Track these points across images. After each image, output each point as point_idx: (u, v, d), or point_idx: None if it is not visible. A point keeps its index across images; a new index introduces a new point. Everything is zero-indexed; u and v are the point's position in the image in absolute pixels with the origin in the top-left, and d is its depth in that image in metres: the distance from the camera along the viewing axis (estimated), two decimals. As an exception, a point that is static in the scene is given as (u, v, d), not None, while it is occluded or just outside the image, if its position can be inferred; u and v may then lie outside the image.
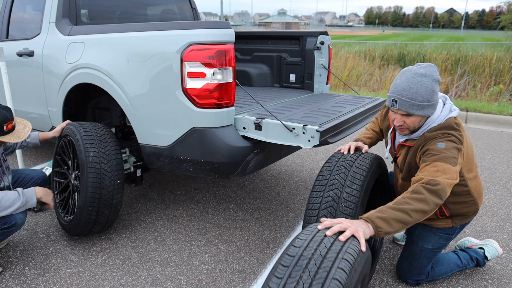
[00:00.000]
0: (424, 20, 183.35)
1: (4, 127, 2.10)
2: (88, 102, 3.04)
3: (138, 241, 2.50)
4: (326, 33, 3.26)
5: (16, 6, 3.33)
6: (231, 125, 2.16)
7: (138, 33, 2.25)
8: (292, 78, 3.49)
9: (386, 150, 2.08)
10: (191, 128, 2.14)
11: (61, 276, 2.13)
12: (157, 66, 2.15)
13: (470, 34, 66.19)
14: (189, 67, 2.04)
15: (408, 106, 1.70)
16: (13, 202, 2.03)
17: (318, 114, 2.34)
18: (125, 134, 3.01)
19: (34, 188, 2.16)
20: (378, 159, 1.97)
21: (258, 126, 2.10)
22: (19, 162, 3.18)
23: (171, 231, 2.63)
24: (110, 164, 2.29)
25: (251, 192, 3.29)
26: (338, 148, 2.06)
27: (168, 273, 2.18)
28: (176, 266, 2.24)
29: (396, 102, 1.72)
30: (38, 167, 3.77)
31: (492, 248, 2.19)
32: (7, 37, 3.36)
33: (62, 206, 2.54)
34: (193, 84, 2.06)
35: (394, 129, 1.98)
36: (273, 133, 2.07)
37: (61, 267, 2.21)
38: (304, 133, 1.99)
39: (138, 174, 2.74)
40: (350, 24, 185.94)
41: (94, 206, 2.24)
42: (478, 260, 2.15)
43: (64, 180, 2.59)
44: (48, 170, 2.96)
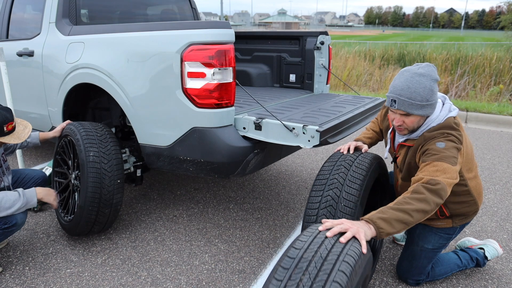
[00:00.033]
0: (424, 20, 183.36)
1: (4, 128, 2.10)
2: (88, 102, 3.04)
3: (138, 241, 2.50)
4: (326, 33, 3.26)
5: (16, 6, 3.33)
6: (231, 125, 2.16)
7: (138, 33, 2.25)
8: (292, 78, 3.49)
9: (386, 150, 2.08)
10: (191, 128, 2.14)
11: (61, 276, 2.14)
12: (157, 66, 2.15)
13: (470, 34, 66.19)
14: (189, 67, 2.05)
15: (407, 105, 1.70)
16: (13, 203, 2.03)
17: (318, 114, 2.34)
18: (125, 134, 3.02)
19: (34, 188, 2.16)
20: (378, 159, 1.97)
21: (258, 126, 2.10)
22: (19, 162, 3.18)
23: (171, 231, 2.63)
24: (110, 164, 2.29)
25: (251, 192, 3.29)
26: (338, 148, 2.06)
27: (168, 273, 2.18)
28: (176, 266, 2.24)
29: (395, 102, 1.72)
30: (38, 167, 3.77)
31: (492, 248, 2.19)
32: (7, 37, 3.36)
33: (62, 206, 2.54)
34: (193, 84, 2.06)
35: (394, 129, 1.98)
36: (273, 133, 2.07)
37: (61, 267, 2.21)
38: (304, 133, 1.99)
39: (138, 174, 2.74)
40: (350, 24, 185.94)
41: (94, 205, 2.24)
42: (478, 260, 2.15)
43: (64, 180, 2.60)
44: (48, 170, 2.96)
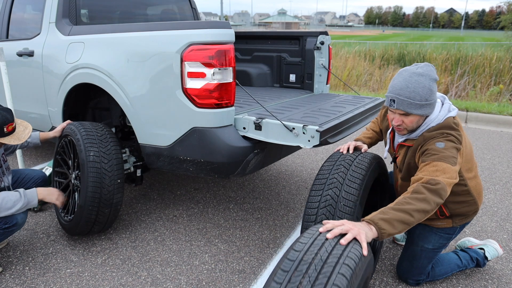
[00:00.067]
0: (424, 20, 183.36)
1: (4, 129, 2.10)
2: (88, 102, 3.04)
3: (138, 241, 2.50)
4: (326, 33, 3.26)
5: (16, 6, 3.33)
6: (231, 125, 2.16)
7: (138, 33, 2.25)
8: (292, 78, 3.49)
9: (385, 150, 2.08)
10: (191, 128, 2.14)
11: (61, 276, 2.14)
12: (157, 66, 2.15)
13: (470, 34, 66.19)
14: (189, 67, 2.05)
15: (406, 105, 1.70)
16: (14, 203, 2.03)
17: (318, 114, 2.34)
18: (125, 134, 3.02)
19: (36, 189, 2.16)
20: (377, 159, 1.97)
21: (258, 126, 2.10)
22: (19, 162, 3.18)
23: (171, 231, 2.63)
24: (111, 163, 2.29)
25: (251, 192, 3.29)
26: (338, 147, 2.06)
27: (168, 273, 2.18)
28: (176, 266, 2.24)
29: (394, 101, 1.72)
30: (38, 167, 3.77)
31: (492, 248, 2.19)
32: (7, 37, 3.36)
33: (62, 205, 2.54)
34: (193, 84, 2.06)
35: (393, 129, 1.98)
36: (273, 133, 2.07)
37: (61, 267, 2.21)
38: (304, 133, 1.99)
39: (138, 174, 2.74)
40: (350, 24, 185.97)
41: (94, 205, 2.24)
42: (478, 260, 2.15)
43: (64, 180, 2.60)
44: (48, 170, 2.96)
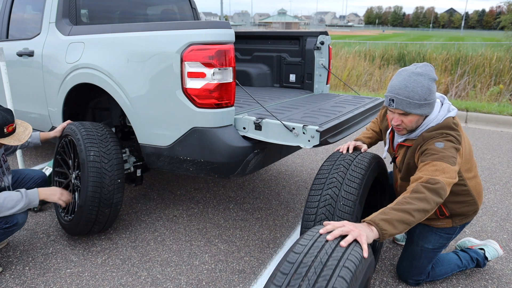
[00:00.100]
0: (424, 20, 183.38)
1: (4, 130, 2.10)
2: (88, 102, 3.05)
3: (138, 241, 2.50)
4: (326, 33, 3.26)
5: (16, 6, 3.33)
6: (231, 125, 2.16)
7: (138, 33, 2.25)
8: (292, 78, 3.49)
9: (384, 150, 2.08)
10: (191, 128, 2.14)
11: (61, 276, 2.14)
12: (157, 66, 2.15)
13: (470, 34, 66.19)
14: (189, 67, 2.05)
15: (405, 104, 1.70)
16: (16, 203, 2.03)
17: (318, 114, 2.34)
18: (125, 134, 3.02)
19: (37, 189, 2.16)
20: (377, 158, 1.97)
21: (258, 126, 2.10)
22: (19, 162, 3.18)
23: (171, 231, 2.63)
24: (111, 163, 2.29)
25: (251, 192, 3.29)
26: (337, 147, 2.06)
27: (168, 273, 2.18)
28: (176, 266, 2.24)
29: (393, 101, 1.72)
30: (38, 167, 3.77)
31: (492, 249, 2.19)
32: (7, 37, 3.36)
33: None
34: (193, 84, 2.06)
35: (393, 129, 1.98)
36: (273, 133, 2.07)
37: (61, 267, 2.21)
38: (304, 133, 1.99)
39: (138, 174, 2.74)
40: (350, 24, 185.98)
41: (94, 205, 2.24)
42: (479, 260, 2.15)
43: (64, 179, 2.60)
44: (48, 170, 2.96)
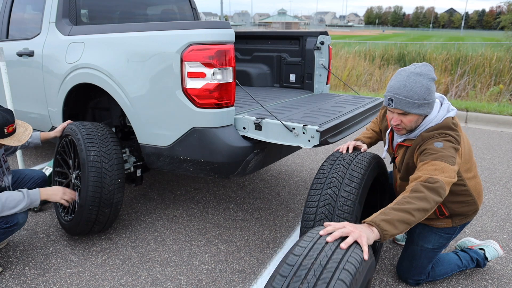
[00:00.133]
0: (424, 20, 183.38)
1: (4, 130, 2.10)
2: (88, 102, 3.05)
3: (138, 241, 2.50)
4: (326, 33, 3.26)
5: (16, 6, 3.33)
6: (231, 125, 2.16)
7: (138, 33, 2.25)
8: (292, 78, 3.49)
9: (384, 150, 2.08)
10: (191, 128, 2.14)
11: (61, 276, 2.14)
12: (157, 66, 2.15)
13: (470, 34, 66.20)
14: (189, 67, 2.05)
15: (404, 104, 1.70)
16: (17, 203, 2.03)
17: (318, 114, 2.34)
18: (125, 134, 3.02)
19: (39, 189, 2.16)
20: (377, 158, 1.97)
21: (258, 126, 2.10)
22: (19, 162, 3.18)
23: (171, 231, 2.63)
24: (111, 163, 2.29)
25: (251, 192, 3.29)
26: (337, 147, 2.06)
27: (168, 273, 2.18)
28: (176, 266, 2.24)
29: (392, 101, 1.72)
30: (38, 167, 3.77)
31: (492, 249, 2.19)
32: (7, 37, 3.36)
33: (62, 205, 2.54)
34: (193, 84, 2.06)
35: (392, 129, 1.98)
36: (273, 133, 2.07)
37: (61, 267, 2.21)
38: (304, 133, 1.99)
39: (138, 174, 2.74)
40: (350, 24, 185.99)
41: (94, 205, 2.24)
42: (479, 261, 2.15)
43: (64, 179, 2.60)
44: (48, 170, 2.96)
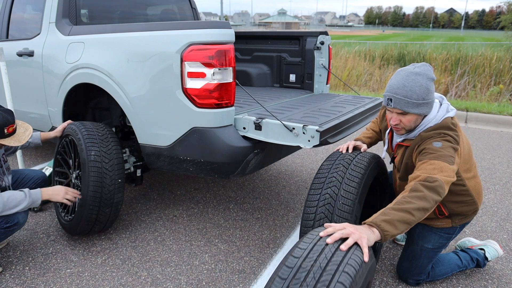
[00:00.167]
0: (424, 20, 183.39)
1: (5, 130, 2.10)
2: (88, 102, 3.05)
3: (138, 241, 2.50)
4: (326, 33, 3.26)
5: (16, 6, 3.33)
6: (231, 125, 2.16)
7: (138, 33, 2.25)
8: (292, 78, 3.49)
9: (383, 150, 2.08)
10: (191, 128, 2.14)
11: (61, 276, 2.14)
12: (157, 66, 2.15)
13: (470, 34, 66.21)
14: (189, 67, 2.05)
15: (403, 104, 1.70)
16: (19, 202, 2.03)
17: (318, 114, 2.35)
18: (125, 134, 3.02)
19: (40, 189, 2.16)
20: (376, 158, 1.97)
21: (258, 126, 2.10)
22: (19, 162, 3.18)
23: (171, 231, 2.63)
24: (111, 163, 2.29)
25: (251, 192, 3.29)
26: (337, 147, 2.06)
27: (168, 273, 2.18)
28: (176, 266, 2.24)
29: (391, 100, 1.73)
30: (38, 167, 3.77)
31: (492, 249, 2.19)
32: (7, 37, 3.36)
33: (63, 205, 2.54)
34: (193, 84, 2.06)
35: (392, 129, 1.98)
36: (273, 133, 2.07)
37: (61, 267, 2.21)
38: (304, 133, 1.99)
39: (138, 174, 2.74)
40: (350, 24, 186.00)
41: (95, 205, 2.24)
42: (479, 261, 2.15)
43: (65, 179, 2.60)
44: (48, 170, 2.96)
